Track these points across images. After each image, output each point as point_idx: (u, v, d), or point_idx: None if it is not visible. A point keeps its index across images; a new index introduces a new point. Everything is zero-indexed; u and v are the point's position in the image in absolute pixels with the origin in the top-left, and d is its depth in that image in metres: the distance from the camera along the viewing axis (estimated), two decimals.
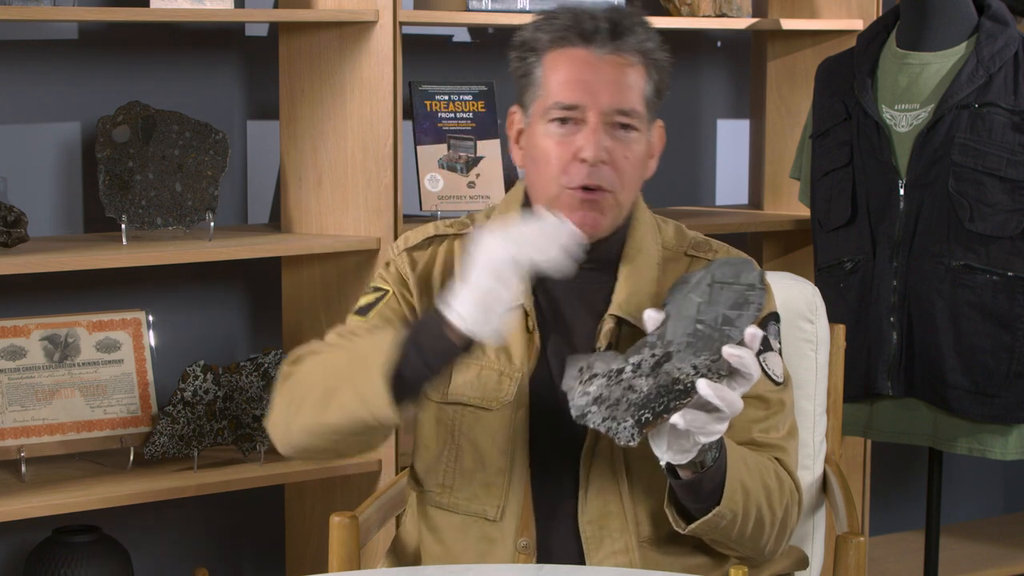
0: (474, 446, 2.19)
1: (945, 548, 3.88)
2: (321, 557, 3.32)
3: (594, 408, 1.96)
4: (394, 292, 2.25)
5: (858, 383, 3.34)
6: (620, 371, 1.97)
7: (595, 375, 1.98)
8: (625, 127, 2.14)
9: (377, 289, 2.27)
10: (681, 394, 1.93)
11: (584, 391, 1.98)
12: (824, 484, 2.61)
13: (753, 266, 2.04)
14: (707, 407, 1.94)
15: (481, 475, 2.19)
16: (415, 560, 2.30)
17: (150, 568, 3.42)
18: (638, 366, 1.97)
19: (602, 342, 2.16)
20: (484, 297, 1.93)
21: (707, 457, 2.00)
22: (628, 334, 2.17)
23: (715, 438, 1.97)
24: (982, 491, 4.61)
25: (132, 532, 3.34)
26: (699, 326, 1.97)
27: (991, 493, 4.64)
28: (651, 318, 2.02)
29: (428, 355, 1.98)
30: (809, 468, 2.58)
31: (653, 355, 1.97)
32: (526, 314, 2.19)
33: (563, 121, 2.13)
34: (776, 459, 2.17)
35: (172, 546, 3.46)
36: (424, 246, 2.27)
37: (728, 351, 1.93)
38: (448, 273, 2.23)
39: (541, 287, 2.21)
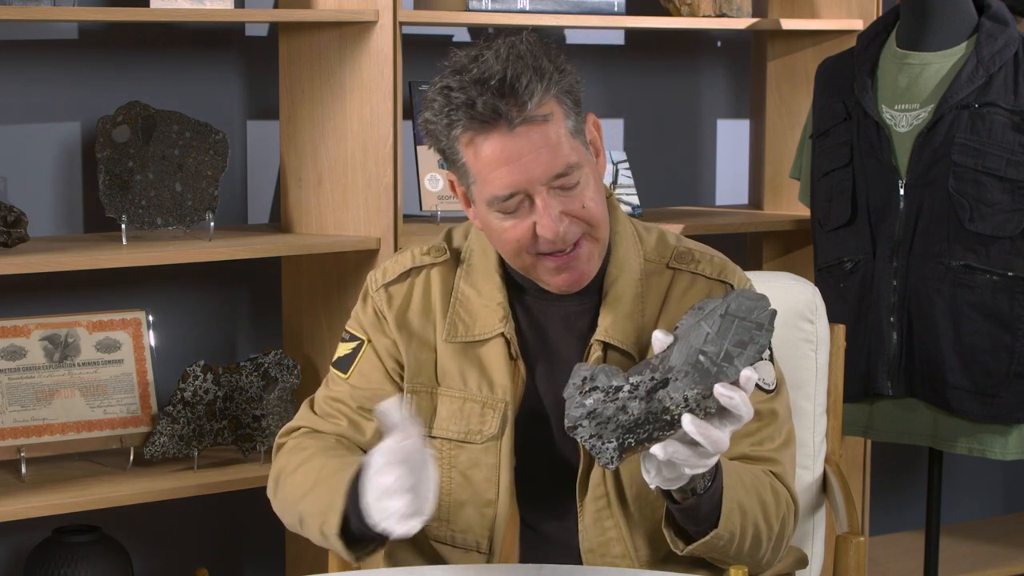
0: (464, 478, 2.18)
1: (945, 548, 3.88)
2: (321, 557, 3.32)
3: (585, 423, 1.93)
4: (369, 340, 2.24)
5: (858, 383, 3.34)
6: (618, 389, 1.93)
7: (595, 387, 1.94)
8: (571, 180, 2.05)
9: (353, 338, 2.26)
10: (666, 425, 1.90)
11: (581, 403, 1.94)
12: (824, 484, 2.61)
13: (766, 304, 1.94)
14: (690, 441, 1.88)
15: (472, 507, 2.18)
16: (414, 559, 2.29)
17: (150, 568, 3.42)
18: (636, 387, 1.92)
19: None
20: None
21: (698, 484, 1.97)
22: (615, 358, 2.15)
23: (702, 471, 1.92)
24: (982, 491, 4.61)
25: (132, 532, 3.34)
26: (701, 357, 1.91)
27: (991, 493, 4.64)
28: (658, 340, 1.94)
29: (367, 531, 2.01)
30: (809, 468, 2.58)
31: (652, 378, 1.92)
32: (507, 342, 2.16)
33: (509, 209, 2.06)
34: (771, 472, 2.14)
35: (172, 546, 3.46)
36: (401, 279, 2.24)
37: (719, 390, 1.86)
38: (426, 306, 2.22)
39: (524, 313, 2.19)
